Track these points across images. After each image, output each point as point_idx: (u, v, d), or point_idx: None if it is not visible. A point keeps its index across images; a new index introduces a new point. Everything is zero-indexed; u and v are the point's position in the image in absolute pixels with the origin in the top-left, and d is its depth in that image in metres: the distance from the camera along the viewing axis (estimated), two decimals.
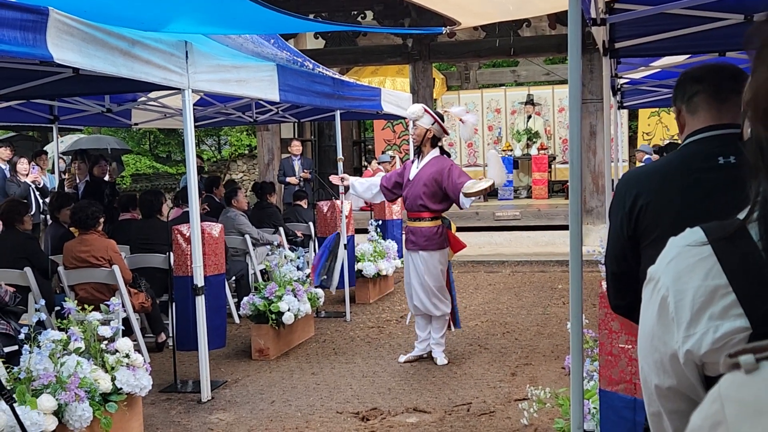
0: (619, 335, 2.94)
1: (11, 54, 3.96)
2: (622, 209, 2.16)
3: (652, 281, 1.30)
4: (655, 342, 1.29)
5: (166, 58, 5.25)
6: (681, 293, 1.21)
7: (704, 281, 1.18)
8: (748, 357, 0.84)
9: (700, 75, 2.20)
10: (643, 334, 1.34)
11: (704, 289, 1.18)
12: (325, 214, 9.48)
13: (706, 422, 0.86)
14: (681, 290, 1.22)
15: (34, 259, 6.56)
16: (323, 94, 7.77)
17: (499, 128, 16.91)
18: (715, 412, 0.85)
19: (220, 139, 24.28)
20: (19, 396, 4.19)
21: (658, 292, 1.27)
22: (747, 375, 0.83)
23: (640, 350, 1.37)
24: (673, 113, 2.35)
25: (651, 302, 1.29)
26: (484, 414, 5.41)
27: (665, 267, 1.27)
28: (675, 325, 1.22)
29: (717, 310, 1.16)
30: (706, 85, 2.16)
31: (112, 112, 8.37)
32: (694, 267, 1.21)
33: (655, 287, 1.28)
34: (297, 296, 7.23)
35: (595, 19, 4.32)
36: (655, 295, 1.28)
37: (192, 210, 5.75)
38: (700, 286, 1.19)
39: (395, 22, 13.69)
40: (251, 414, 5.57)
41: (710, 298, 1.17)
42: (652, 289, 1.30)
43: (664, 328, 1.26)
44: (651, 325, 1.29)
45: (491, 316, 8.58)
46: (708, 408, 0.87)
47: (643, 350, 1.35)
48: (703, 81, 2.17)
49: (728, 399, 0.84)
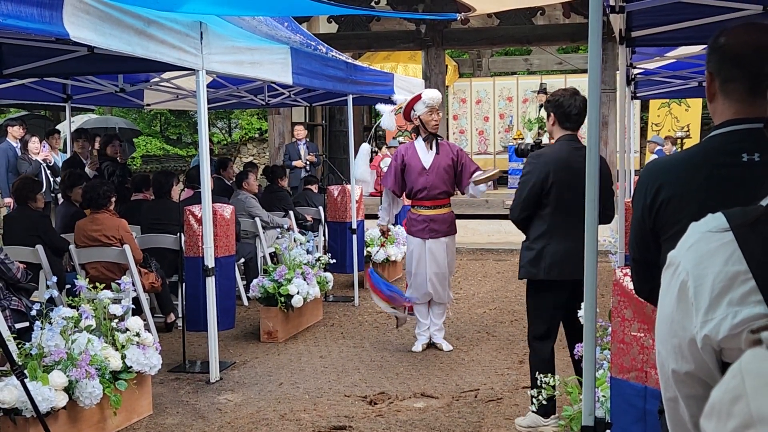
0: (631, 323, 2.94)
1: (28, 30, 3.96)
2: (644, 200, 2.15)
3: (671, 266, 1.30)
4: (674, 326, 1.28)
5: (181, 39, 5.25)
6: (701, 278, 1.21)
7: (724, 267, 1.18)
8: None
9: (742, 56, 1.97)
10: (662, 319, 1.33)
11: (724, 274, 1.18)
12: (336, 199, 9.48)
13: (727, 395, 0.87)
14: (701, 275, 1.21)
15: (46, 237, 6.58)
16: (336, 78, 7.76)
17: (510, 116, 16.86)
18: (735, 386, 0.86)
19: (231, 122, 24.29)
20: (30, 372, 4.22)
21: (678, 277, 1.26)
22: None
23: (658, 335, 1.36)
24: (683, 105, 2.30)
25: (670, 287, 1.29)
26: (491, 401, 5.42)
27: (686, 252, 1.26)
28: (694, 310, 1.22)
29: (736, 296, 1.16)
30: (746, 73, 1.98)
31: (125, 92, 8.37)
32: (715, 252, 1.20)
33: (675, 272, 1.28)
34: (306, 280, 7.24)
35: (614, 7, 4.29)
36: (675, 280, 1.27)
37: (204, 191, 5.76)
38: (720, 272, 1.18)
39: (409, 7, 13.64)
40: (259, 395, 5.59)
41: (730, 283, 1.17)
42: (671, 274, 1.29)
43: (683, 312, 1.25)
44: (670, 310, 1.29)
45: (499, 304, 8.58)
46: (729, 382, 0.88)
47: (661, 335, 1.34)
48: (743, 66, 1.98)
49: (749, 373, 0.85)
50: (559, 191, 4.55)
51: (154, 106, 10.24)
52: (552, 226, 4.62)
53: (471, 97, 16.90)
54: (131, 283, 5.69)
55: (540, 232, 4.66)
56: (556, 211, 4.59)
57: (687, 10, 4.66)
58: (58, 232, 7.10)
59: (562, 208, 4.56)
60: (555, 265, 4.59)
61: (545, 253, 4.62)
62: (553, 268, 4.60)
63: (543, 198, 4.60)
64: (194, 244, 6.48)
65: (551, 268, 4.61)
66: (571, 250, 4.45)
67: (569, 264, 4.48)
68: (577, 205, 4.48)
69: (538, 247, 4.64)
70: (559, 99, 4.61)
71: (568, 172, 4.48)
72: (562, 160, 4.56)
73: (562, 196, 4.55)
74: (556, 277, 4.60)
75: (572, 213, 4.47)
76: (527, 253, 4.72)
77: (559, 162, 4.56)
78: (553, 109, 4.64)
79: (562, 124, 4.63)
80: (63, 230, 7.28)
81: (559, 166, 4.55)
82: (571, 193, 4.44)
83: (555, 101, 4.63)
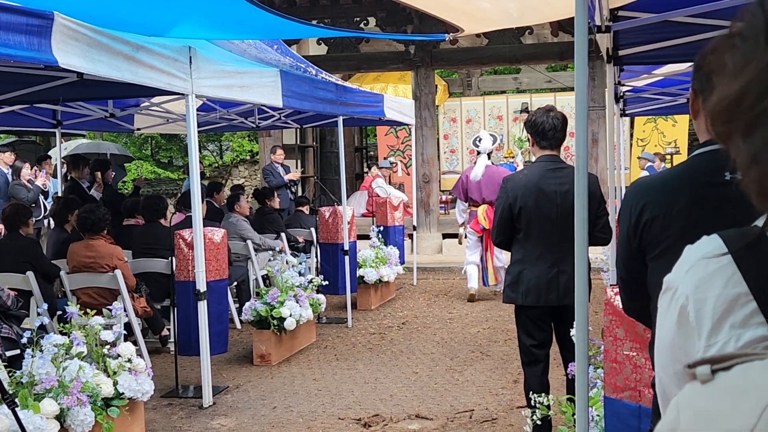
0: (624, 342, 2.94)
1: (16, 58, 3.96)
2: (629, 220, 2.16)
3: (669, 290, 1.28)
4: (675, 352, 1.26)
5: (170, 63, 5.26)
6: (701, 302, 1.19)
7: (724, 289, 1.17)
8: (704, 368, 0.87)
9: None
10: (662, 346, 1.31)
11: (725, 297, 1.16)
12: (327, 220, 9.48)
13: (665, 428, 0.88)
14: (701, 299, 1.19)
15: (37, 263, 6.54)
16: (326, 100, 7.78)
17: (501, 135, 16.91)
18: (672, 420, 0.88)
19: (222, 144, 24.29)
20: (21, 400, 4.19)
21: (677, 302, 1.24)
22: (702, 385, 0.86)
23: (658, 361, 1.34)
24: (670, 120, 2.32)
25: (669, 312, 1.27)
26: (486, 421, 5.40)
27: (683, 276, 1.24)
28: (696, 335, 1.20)
29: (738, 318, 1.14)
30: None
31: (115, 117, 8.38)
32: (714, 275, 1.19)
33: (674, 297, 1.26)
34: (299, 302, 7.22)
35: (600, 26, 4.31)
36: (674, 305, 1.25)
37: (195, 215, 5.75)
38: (720, 295, 1.17)
39: (398, 29, 13.70)
40: (253, 420, 5.56)
41: (731, 306, 1.16)
42: (669, 299, 1.27)
43: (684, 337, 1.23)
44: (671, 336, 1.27)
45: (493, 323, 8.56)
46: (668, 415, 0.89)
47: (662, 362, 1.32)
48: None
49: (683, 407, 0.87)
50: (527, 217, 4.43)
51: (145, 130, 10.24)
52: (526, 251, 4.49)
53: (461, 116, 16.95)
54: (123, 308, 5.66)
55: (517, 257, 4.55)
56: (528, 236, 4.47)
57: (674, 29, 4.68)
58: (50, 257, 7.07)
59: (533, 233, 4.45)
60: (531, 291, 4.46)
61: (522, 278, 4.49)
62: (530, 294, 4.47)
63: (516, 223, 4.48)
64: (185, 269, 6.46)
65: (527, 293, 4.47)
66: (545, 276, 4.38)
67: (545, 290, 4.39)
68: (549, 229, 4.45)
69: (515, 271, 4.53)
70: (533, 118, 4.47)
71: (538, 196, 4.38)
72: (530, 184, 4.42)
73: (532, 222, 4.43)
74: (532, 303, 4.48)
75: (545, 237, 4.41)
76: (508, 277, 4.64)
77: (527, 187, 4.42)
78: (529, 129, 4.50)
79: (539, 144, 4.47)
80: (54, 256, 7.25)
81: (528, 191, 4.41)
82: (542, 218, 4.37)
83: (529, 121, 4.49)
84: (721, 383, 0.85)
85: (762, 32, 0.83)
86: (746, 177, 0.87)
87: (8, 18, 3.82)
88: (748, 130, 0.85)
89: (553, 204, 4.38)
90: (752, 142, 0.84)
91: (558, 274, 4.35)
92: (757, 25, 0.84)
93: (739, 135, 0.86)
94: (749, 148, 0.85)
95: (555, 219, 4.36)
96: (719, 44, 0.91)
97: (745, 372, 0.84)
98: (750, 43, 0.85)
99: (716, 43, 0.93)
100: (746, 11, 0.87)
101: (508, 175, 4.77)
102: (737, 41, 0.87)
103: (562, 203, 4.32)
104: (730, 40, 0.88)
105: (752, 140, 0.84)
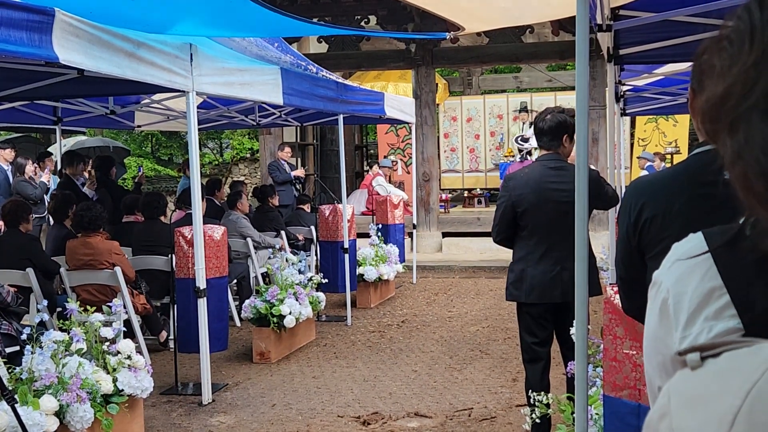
0: (623, 341, 2.94)
1: (17, 54, 3.97)
2: (628, 219, 2.16)
3: (655, 285, 1.32)
4: (657, 344, 1.31)
5: (170, 61, 5.26)
6: (679, 295, 1.24)
7: (701, 283, 1.21)
8: (694, 355, 0.92)
9: None
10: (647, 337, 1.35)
11: (701, 290, 1.21)
12: (327, 218, 9.48)
13: (656, 414, 0.93)
14: (680, 292, 1.24)
15: (37, 260, 6.55)
16: (327, 98, 7.78)
17: (501, 134, 16.92)
18: (663, 405, 0.92)
19: (222, 142, 24.29)
20: (20, 396, 4.19)
21: (660, 295, 1.29)
22: (692, 371, 0.91)
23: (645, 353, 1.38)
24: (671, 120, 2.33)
25: (653, 305, 1.31)
26: (485, 419, 5.40)
27: (667, 271, 1.29)
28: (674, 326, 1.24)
29: (712, 311, 1.19)
30: None
31: (116, 114, 8.38)
32: (693, 270, 1.24)
33: (658, 290, 1.31)
34: (298, 299, 7.23)
35: (601, 25, 4.32)
36: (657, 298, 1.30)
37: (195, 212, 5.75)
38: (696, 288, 1.22)
39: (399, 27, 13.70)
40: (252, 417, 5.56)
41: (706, 299, 1.20)
42: (655, 292, 1.32)
43: (665, 330, 1.28)
44: (654, 328, 1.31)
45: (492, 322, 8.57)
46: (659, 401, 0.94)
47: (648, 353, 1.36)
48: None
49: (674, 393, 0.91)
50: (530, 215, 4.49)
51: (145, 127, 10.24)
52: (530, 249, 4.54)
53: (462, 115, 16.95)
54: (122, 305, 5.67)
55: (520, 255, 4.59)
56: (531, 234, 4.52)
57: (674, 28, 4.69)
58: (49, 254, 7.07)
59: (536, 231, 4.49)
60: (534, 289, 4.51)
61: (525, 275, 4.54)
62: (533, 292, 4.51)
63: (519, 221, 4.54)
64: (185, 266, 6.46)
65: (531, 291, 4.52)
66: (548, 273, 4.42)
67: (548, 287, 4.43)
68: (551, 227, 4.49)
69: (518, 269, 4.58)
70: (536, 119, 4.62)
71: (539, 194, 4.43)
72: (532, 182, 4.48)
73: (534, 220, 4.48)
74: (536, 300, 4.52)
75: (547, 235, 4.46)
76: (510, 275, 4.67)
77: (529, 185, 4.48)
78: (533, 130, 4.66)
79: (539, 142, 4.61)
80: (54, 253, 7.24)
81: (529, 190, 4.47)
82: (544, 216, 4.42)
83: (534, 123, 4.65)
84: (710, 369, 0.89)
85: (747, 36, 0.87)
86: (732, 173, 0.92)
87: (9, 14, 3.82)
88: (733, 128, 0.89)
89: (555, 202, 4.42)
90: (737, 140, 0.89)
91: (561, 272, 4.39)
92: (743, 29, 0.88)
93: (725, 133, 0.91)
94: (734, 145, 0.89)
95: (557, 217, 4.39)
96: (709, 46, 0.96)
97: (732, 358, 0.88)
98: (736, 45, 0.89)
99: (707, 44, 0.97)
100: (735, 14, 0.91)
101: (510, 174, 4.80)
102: (725, 44, 0.91)
103: (564, 201, 4.34)
104: (719, 43, 0.92)
105: (736, 138, 0.89)
